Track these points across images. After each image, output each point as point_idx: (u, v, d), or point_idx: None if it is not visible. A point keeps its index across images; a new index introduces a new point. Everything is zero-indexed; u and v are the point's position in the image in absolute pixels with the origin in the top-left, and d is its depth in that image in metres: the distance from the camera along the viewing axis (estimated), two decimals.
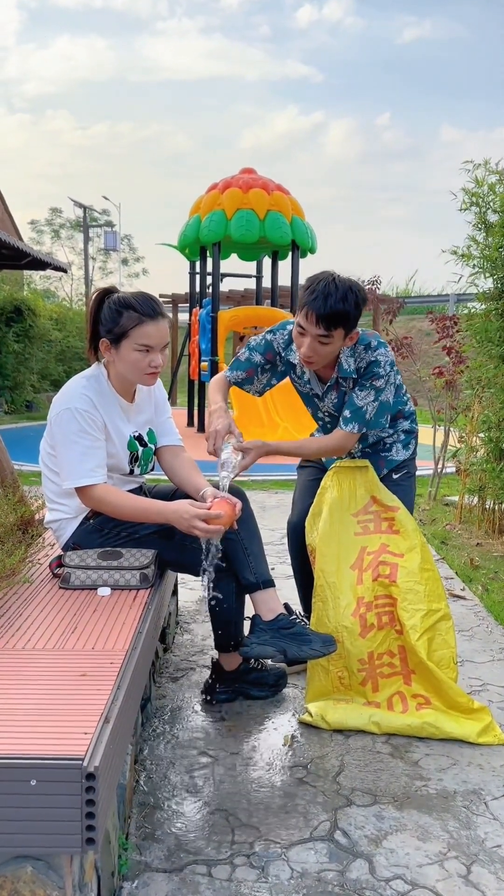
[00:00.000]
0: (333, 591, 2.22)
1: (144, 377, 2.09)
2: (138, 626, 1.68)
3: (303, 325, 2.08)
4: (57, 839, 1.14)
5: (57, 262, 14.27)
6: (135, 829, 1.68)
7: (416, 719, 2.10)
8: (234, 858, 1.58)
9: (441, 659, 2.14)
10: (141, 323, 2.01)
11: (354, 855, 1.60)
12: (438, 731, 2.08)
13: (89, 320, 2.14)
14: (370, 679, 2.17)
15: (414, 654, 2.12)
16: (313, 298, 2.04)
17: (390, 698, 2.16)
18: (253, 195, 9.54)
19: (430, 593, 2.18)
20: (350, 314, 2.05)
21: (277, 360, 2.35)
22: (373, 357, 2.19)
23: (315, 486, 2.51)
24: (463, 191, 4.36)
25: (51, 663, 1.47)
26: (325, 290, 2.03)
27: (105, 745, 1.19)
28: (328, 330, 2.05)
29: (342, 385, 2.27)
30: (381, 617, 2.19)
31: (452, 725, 2.09)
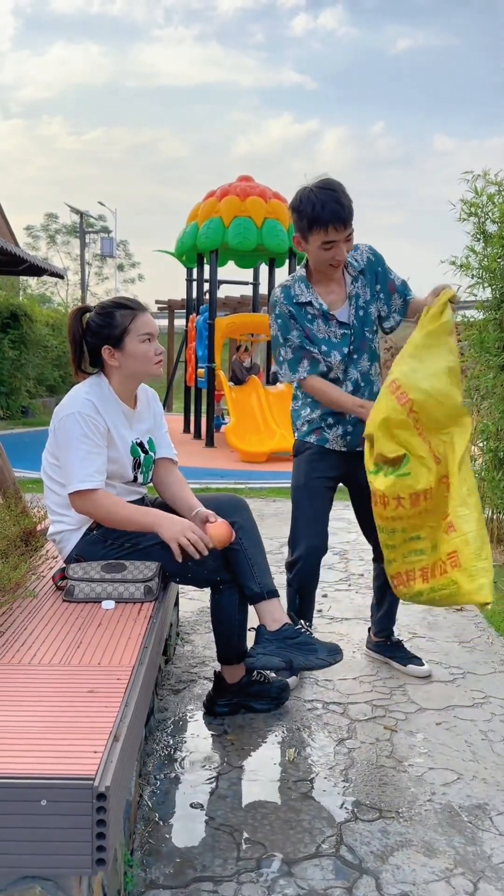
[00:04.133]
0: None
1: (154, 367, 2.16)
2: (144, 641, 1.67)
3: (331, 238, 2.20)
4: (67, 860, 1.14)
5: (53, 268, 14.26)
6: (139, 845, 1.67)
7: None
8: (240, 875, 1.57)
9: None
10: (135, 316, 2.11)
11: (361, 871, 1.60)
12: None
13: (72, 340, 2.18)
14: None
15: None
16: (330, 210, 2.16)
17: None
18: (250, 203, 9.57)
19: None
20: (351, 200, 2.22)
21: (294, 322, 2.37)
22: (366, 247, 2.42)
23: (330, 502, 2.49)
24: (462, 201, 4.38)
25: (57, 679, 1.47)
26: (330, 198, 2.16)
27: (115, 764, 1.18)
28: (349, 225, 2.22)
29: (358, 289, 2.38)
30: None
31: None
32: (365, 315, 2.39)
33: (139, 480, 2.23)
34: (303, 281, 2.38)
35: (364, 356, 2.42)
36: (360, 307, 2.39)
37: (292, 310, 2.36)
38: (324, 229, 2.18)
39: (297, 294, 2.36)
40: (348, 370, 2.40)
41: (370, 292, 2.39)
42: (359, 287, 2.38)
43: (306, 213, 2.19)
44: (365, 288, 2.39)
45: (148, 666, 1.61)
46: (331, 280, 2.36)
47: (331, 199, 2.15)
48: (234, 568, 2.14)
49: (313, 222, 2.18)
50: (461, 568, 1.99)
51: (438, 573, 2.05)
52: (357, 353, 2.40)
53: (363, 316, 2.39)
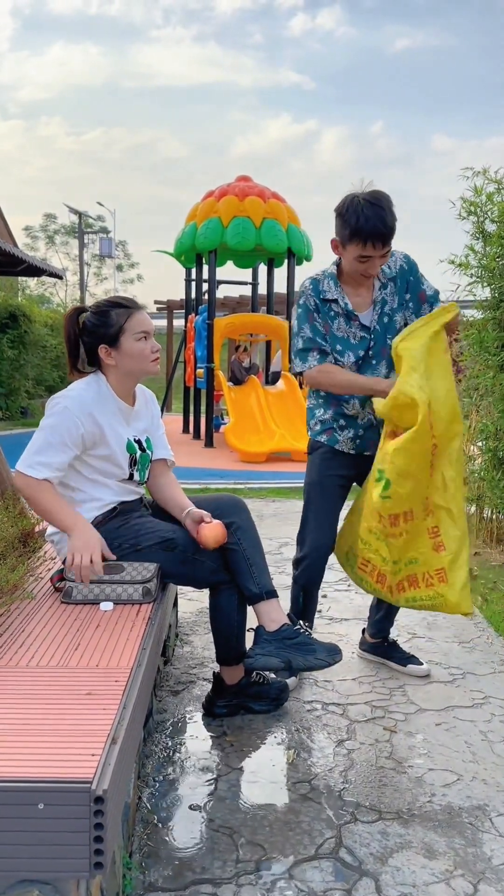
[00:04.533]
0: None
1: (151, 365, 2.17)
2: (142, 643, 1.67)
3: (368, 253, 2.20)
4: (65, 863, 1.13)
5: (52, 268, 14.25)
6: (138, 847, 1.67)
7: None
8: (240, 878, 1.57)
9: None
10: (130, 314, 2.13)
11: (360, 874, 1.59)
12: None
13: (68, 340, 2.21)
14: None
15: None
16: (372, 227, 2.15)
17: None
18: (249, 203, 9.56)
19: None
20: (396, 219, 2.20)
21: (316, 316, 2.38)
22: (401, 254, 2.39)
23: (343, 499, 2.50)
24: (461, 199, 4.38)
25: (55, 681, 1.46)
26: (375, 214, 2.15)
27: (113, 767, 1.17)
28: (388, 244, 2.21)
29: (386, 296, 2.36)
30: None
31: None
32: (389, 322, 2.38)
33: (136, 478, 2.22)
34: (332, 278, 2.37)
35: (382, 363, 2.39)
36: (385, 314, 2.38)
37: (318, 303, 2.37)
38: (362, 244, 2.18)
39: (325, 290, 2.36)
40: (363, 374, 2.38)
41: (398, 300, 2.38)
42: (387, 294, 2.37)
43: (349, 224, 2.18)
44: (393, 296, 2.38)
45: (146, 668, 1.60)
46: (360, 284, 2.36)
47: (376, 215, 2.15)
48: (232, 568, 2.14)
49: (354, 234, 2.18)
50: (448, 583, 2.17)
51: (425, 585, 2.21)
52: (376, 358, 2.38)
53: (387, 323, 2.38)
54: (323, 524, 2.48)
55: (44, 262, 15.39)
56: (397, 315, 2.39)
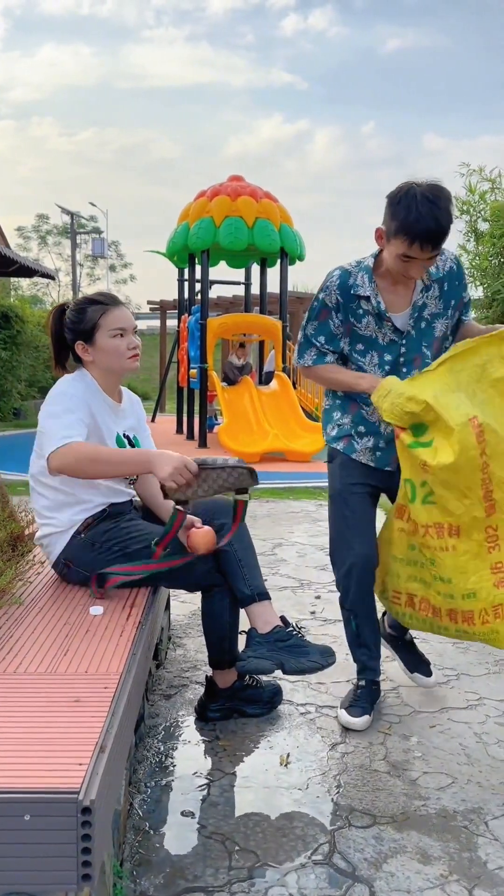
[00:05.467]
0: None
1: (128, 361, 2.13)
2: (132, 648, 1.64)
3: (413, 255, 1.94)
4: (52, 875, 1.11)
5: (44, 269, 14.20)
6: (129, 855, 1.65)
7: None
8: (232, 885, 1.55)
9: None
10: (106, 311, 2.10)
11: (354, 879, 1.57)
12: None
13: (52, 337, 2.20)
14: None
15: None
16: (424, 228, 1.89)
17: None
18: (241, 203, 9.55)
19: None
20: (452, 221, 1.96)
21: (333, 315, 2.14)
22: (452, 255, 2.17)
23: (372, 509, 2.27)
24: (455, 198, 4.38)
25: (43, 688, 1.44)
26: (430, 213, 1.88)
27: (101, 776, 1.15)
28: (438, 247, 1.94)
29: (427, 299, 2.12)
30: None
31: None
32: (428, 329, 2.14)
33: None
34: (367, 272, 2.10)
35: (414, 372, 2.12)
36: (423, 318, 2.13)
37: (341, 300, 2.11)
38: (409, 242, 1.92)
39: (357, 285, 2.10)
40: None
41: (443, 306, 2.14)
42: (429, 297, 2.12)
43: (398, 217, 1.92)
44: (437, 300, 2.13)
45: (136, 673, 1.58)
46: (398, 281, 2.09)
47: (430, 214, 1.88)
48: (224, 570, 2.12)
49: (401, 230, 1.92)
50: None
51: (480, 622, 1.99)
52: (407, 366, 2.14)
53: (425, 329, 2.13)
54: (356, 536, 2.21)
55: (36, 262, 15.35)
56: (438, 322, 2.14)
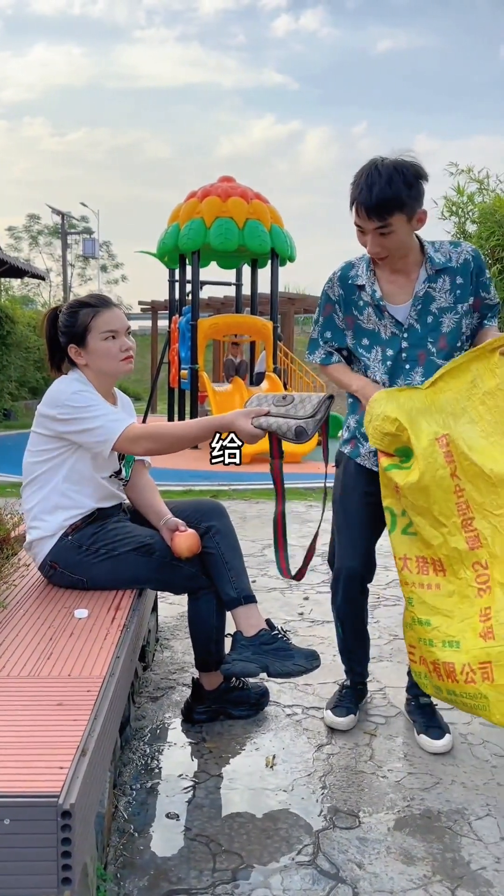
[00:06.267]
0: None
1: (121, 364, 2.13)
2: (116, 651, 1.64)
3: (358, 223, 1.93)
4: (31, 880, 1.11)
5: (35, 269, 14.17)
6: (113, 858, 1.65)
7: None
8: (216, 887, 1.55)
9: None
10: (97, 313, 2.09)
11: (338, 880, 1.58)
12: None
13: (46, 340, 2.20)
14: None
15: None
16: (359, 192, 1.88)
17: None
18: (232, 203, 9.55)
19: None
20: (402, 196, 1.86)
21: (336, 308, 2.12)
22: (470, 248, 2.05)
23: (374, 519, 2.14)
24: (444, 198, 4.39)
25: (25, 692, 1.43)
26: (368, 180, 1.86)
27: (82, 779, 1.15)
28: (383, 219, 1.88)
29: (432, 290, 2.01)
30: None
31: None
32: (435, 323, 2.01)
33: (122, 475, 2.20)
34: (366, 261, 2.06)
35: (418, 369, 2.02)
36: (428, 311, 2.01)
37: (342, 291, 2.09)
38: (354, 209, 1.92)
39: (356, 275, 2.07)
40: (394, 379, 2.04)
41: (453, 300, 2.01)
42: (436, 288, 2.00)
43: (351, 184, 1.93)
44: (446, 293, 2.00)
45: (120, 676, 1.58)
46: (396, 269, 2.02)
47: (369, 182, 1.86)
48: (210, 573, 2.13)
49: (351, 198, 1.92)
50: (494, 684, 1.70)
51: (463, 679, 1.76)
52: (410, 362, 2.03)
53: (431, 323, 2.01)
54: (347, 546, 2.19)
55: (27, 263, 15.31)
56: (446, 317, 2.01)
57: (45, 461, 2.08)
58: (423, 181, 1.91)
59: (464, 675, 1.75)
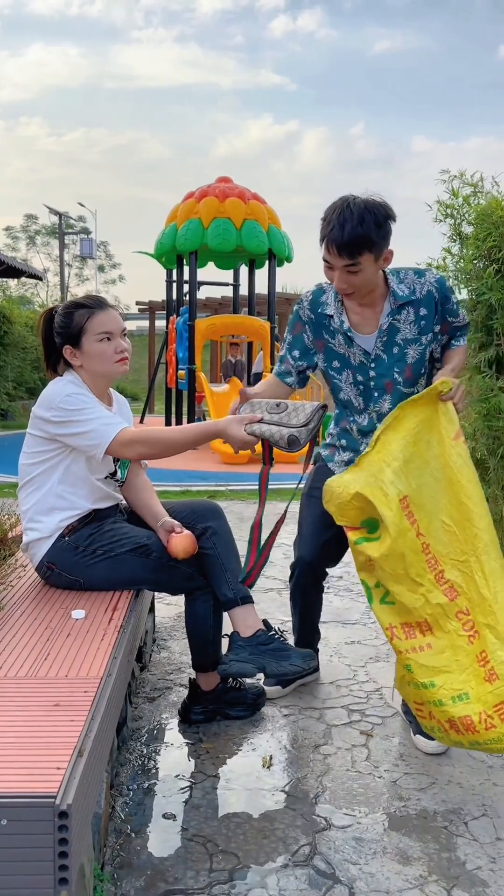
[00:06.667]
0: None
1: (116, 365, 2.12)
2: (113, 651, 1.65)
3: (327, 259, 1.98)
4: (28, 880, 1.11)
5: (32, 269, 14.16)
6: (110, 858, 1.65)
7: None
8: (213, 887, 1.55)
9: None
10: (92, 314, 2.09)
11: (334, 881, 1.58)
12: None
13: (42, 339, 2.20)
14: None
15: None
16: (330, 229, 1.92)
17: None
18: (229, 204, 9.56)
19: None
20: (371, 236, 1.91)
21: (306, 328, 2.18)
22: (433, 279, 2.09)
23: (329, 518, 2.15)
24: (438, 202, 4.39)
25: (22, 693, 1.44)
26: (339, 218, 1.91)
27: (79, 780, 1.16)
28: (353, 258, 1.93)
29: (397, 322, 2.07)
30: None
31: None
32: (400, 354, 2.08)
33: (118, 476, 2.21)
34: (335, 291, 2.11)
35: (386, 398, 2.12)
36: (393, 342, 2.08)
37: (312, 316, 2.16)
38: (323, 246, 1.98)
39: (325, 303, 2.14)
40: (367, 404, 2.15)
41: (417, 331, 2.07)
42: (400, 320, 2.07)
43: (321, 220, 1.99)
44: (411, 324, 2.07)
45: (117, 677, 1.59)
46: (362, 302, 2.08)
47: (340, 220, 1.90)
48: (207, 574, 2.13)
49: (320, 235, 1.98)
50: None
51: (483, 728, 1.73)
52: (378, 391, 2.12)
53: (397, 354, 2.08)
54: (305, 537, 2.33)
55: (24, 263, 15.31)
56: (411, 348, 2.08)
57: (40, 463, 2.09)
58: (392, 222, 1.97)
59: (483, 724, 1.74)
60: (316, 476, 2.34)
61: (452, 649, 1.83)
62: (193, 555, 2.07)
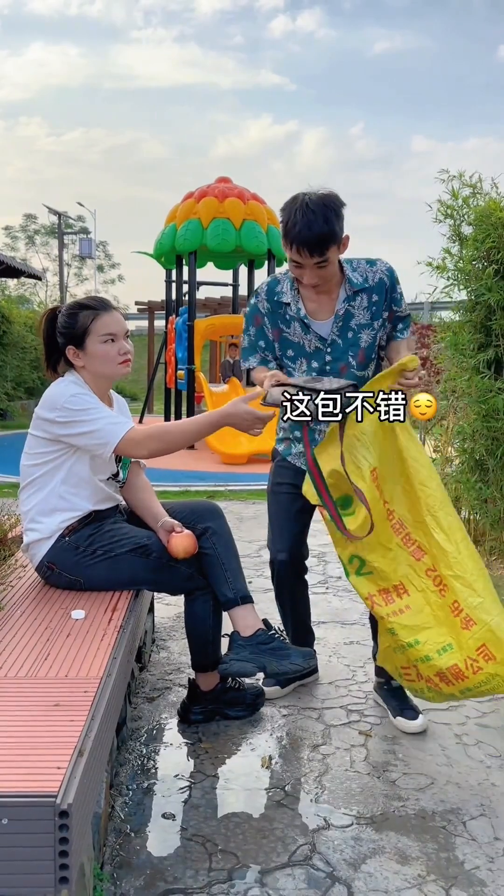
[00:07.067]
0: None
1: (119, 367, 2.14)
2: (113, 652, 1.65)
3: (297, 259, 2.03)
4: (29, 879, 1.11)
5: (31, 269, 14.17)
6: (110, 857, 1.65)
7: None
8: (212, 886, 1.56)
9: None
10: (97, 316, 2.10)
11: (333, 880, 1.59)
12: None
13: (44, 339, 2.21)
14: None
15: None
16: (297, 231, 1.97)
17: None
18: (229, 204, 9.55)
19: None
20: (335, 231, 1.99)
21: (265, 321, 2.22)
22: (384, 267, 2.18)
23: (301, 511, 2.32)
24: (438, 202, 4.39)
25: (23, 693, 1.44)
26: (304, 218, 1.96)
27: (79, 779, 1.16)
28: (322, 255, 2.00)
29: (352, 308, 2.15)
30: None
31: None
32: (354, 338, 2.16)
33: (120, 477, 2.21)
34: (290, 280, 2.18)
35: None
36: (349, 328, 2.15)
37: (269, 306, 2.21)
38: (289, 248, 2.02)
39: (282, 292, 2.19)
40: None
41: (369, 316, 2.16)
42: (354, 306, 2.15)
43: (282, 224, 2.04)
44: (364, 310, 2.15)
45: (117, 677, 1.59)
46: (319, 290, 2.14)
47: (305, 221, 1.96)
48: (207, 574, 2.14)
49: (284, 236, 2.04)
50: (498, 661, 1.81)
51: (472, 672, 1.84)
52: (333, 375, 2.16)
53: (351, 338, 2.16)
54: (276, 535, 2.39)
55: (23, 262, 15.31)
56: (364, 333, 2.17)
57: (42, 464, 2.09)
58: (344, 208, 2.04)
59: (470, 669, 1.85)
60: (276, 472, 2.41)
61: (429, 606, 1.95)
62: (193, 555, 2.08)
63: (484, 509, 4.30)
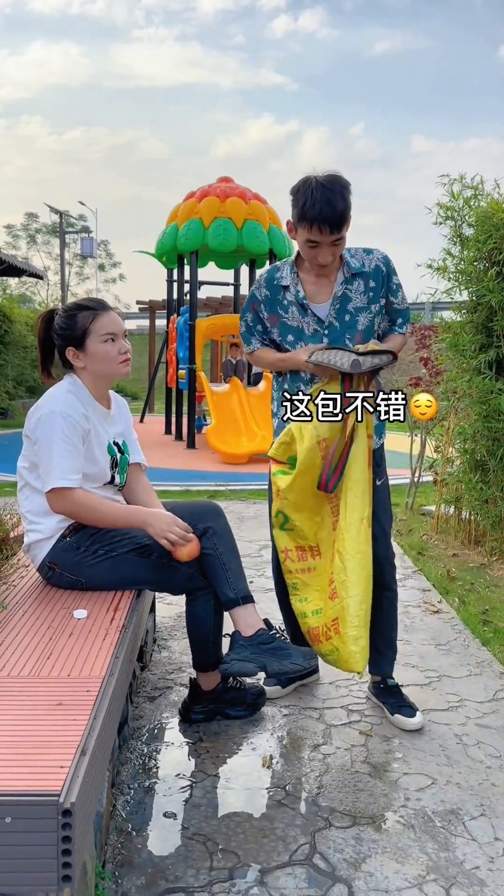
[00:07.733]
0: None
1: (119, 366, 2.15)
2: (115, 651, 1.66)
3: (315, 238, 2.08)
4: (32, 877, 1.12)
5: (33, 268, 14.17)
6: (111, 856, 1.66)
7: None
8: (213, 885, 1.57)
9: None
10: (96, 316, 2.11)
11: (334, 879, 1.59)
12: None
13: (40, 342, 2.22)
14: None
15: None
16: (318, 210, 2.03)
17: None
18: (230, 204, 9.55)
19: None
20: (350, 207, 2.07)
21: (262, 307, 2.27)
22: (380, 255, 2.24)
23: None
24: (438, 205, 4.40)
25: (26, 692, 1.45)
26: (323, 197, 2.02)
27: (82, 778, 1.17)
28: (340, 231, 2.07)
29: (349, 292, 2.20)
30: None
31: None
32: (351, 321, 2.20)
33: (116, 482, 2.22)
34: (290, 265, 2.24)
35: None
36: (346, 310, 2.20)
37: (268, 293, 2.25)
38: (308, 227, 2.06)
39: (281, 276, 2.24)
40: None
41: (368, 300, 2.21)
42: (352, 289, 2.20)
43: (298, 205, 2.07)
44: (361, 294, 2.20)
45: (119, 676, 1.60)
46: (319, 273, 2.20)
47: (325, 199, 2.02)
48: (208, 574, 2.14)
49: (302, 216, 2.07)
50: (340, 636, 2.00)
51: (325, 639, 2.07)
52: None
53: (349, 321, 2.20)
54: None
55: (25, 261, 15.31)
56: (361, 316, 2.21)
57: (35, 466, 2.10)
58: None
59: (324, 636, 2.07)
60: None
61: (326, 572, 2.12)
62: (195, 556, 2.08)
63: (485, 510, 4.31)
